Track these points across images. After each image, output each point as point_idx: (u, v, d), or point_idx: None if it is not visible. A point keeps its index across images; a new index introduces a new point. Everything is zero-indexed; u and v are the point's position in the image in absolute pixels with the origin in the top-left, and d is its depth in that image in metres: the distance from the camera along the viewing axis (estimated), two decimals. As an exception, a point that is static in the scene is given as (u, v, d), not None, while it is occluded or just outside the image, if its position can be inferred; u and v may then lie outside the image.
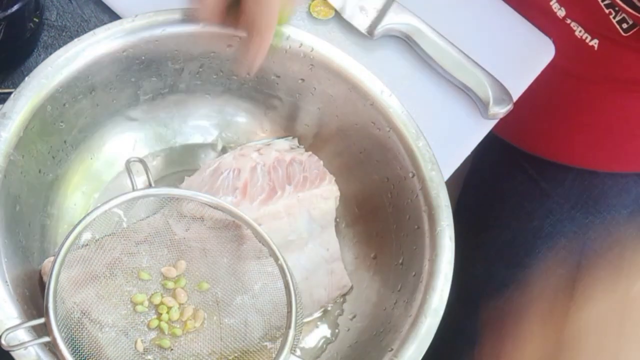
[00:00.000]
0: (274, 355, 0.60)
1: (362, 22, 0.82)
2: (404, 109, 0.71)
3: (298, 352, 0.69)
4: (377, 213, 0.73)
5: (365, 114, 0.71)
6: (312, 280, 0.70)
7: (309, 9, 0.83)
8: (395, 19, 0.82)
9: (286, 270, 0.63)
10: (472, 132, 0.80)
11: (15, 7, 0.68)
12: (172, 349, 0.62)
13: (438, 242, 0.66)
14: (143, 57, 0.69)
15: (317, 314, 0.71)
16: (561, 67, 0.85)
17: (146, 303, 0.63)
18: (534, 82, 0.85)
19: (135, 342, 0.62)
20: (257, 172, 0.70)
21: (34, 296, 0.62)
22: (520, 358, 0.92)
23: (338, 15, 0.83)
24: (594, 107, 0.97)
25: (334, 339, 0.70)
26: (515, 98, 0.84)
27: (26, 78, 0.64)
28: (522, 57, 0.84)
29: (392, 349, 0.63)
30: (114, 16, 0.79)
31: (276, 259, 0.63)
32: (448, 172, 0.76)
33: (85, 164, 0.71)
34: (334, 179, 0.73)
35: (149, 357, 0.62)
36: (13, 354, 0.55)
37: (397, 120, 0.70)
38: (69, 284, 0.60)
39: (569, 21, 0.90)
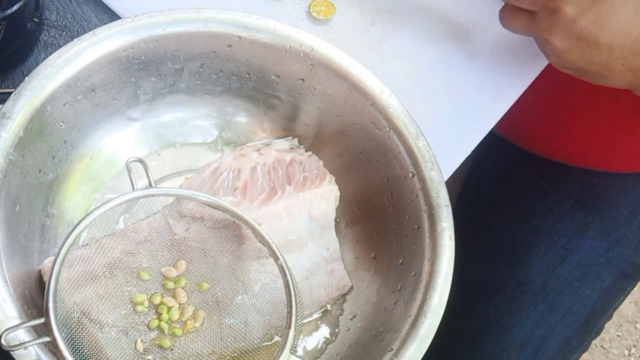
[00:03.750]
0: (274, 355, 0.60)
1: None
2: (404, 109, 0.70)
3: (299, 352, 0.69)
4: (377, 213, 0.73)
5: (365, 114, 0.71)
6: (312, 280, 0.70)
7: (309, 8, 0.83)
8: None
9: (286, 270, 0.63)
10: (472, 132, 0.80)
11: (15, 7, 0.68)
12: (172, 349, 0.62)
13: (438, 242, 0.66)
14: (143, 57, 0.69)
15: (317, 314, 0.71)
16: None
17: (146, 303, 0.63)
18: (535, 81, 0.85)
19: (135, 342, 0.62)
20: (257, 172, 0.70)
21: (34, 296, 0.62)
22: None
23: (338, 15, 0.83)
24: (594, 106, 0.97)
25: (334, 339, 0.70)
26: (515, 97, 0.84)
27: (26, 78, 0.64)
28: (522, 55, 0.84)
29: (392, 349, 0.63)
30: (114, 16, 0.79)
31: (276, 259, 0.63)
32: (448, 172, 0.76)
33: (85, 164, 0.71)
34: (334, 179, 0.73)
35: (149, 357, 0.62)
36: (13, 354, 0.55)
37: (397, 120, 0.70)
38: (69, 284, 0.60)
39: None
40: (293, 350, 0.60)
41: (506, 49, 0.85)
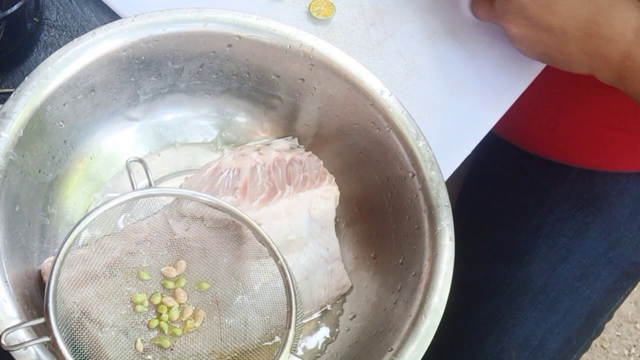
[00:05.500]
0: (274, 355, 0.60)
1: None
2: (404, 109, 0.70)
3: (299, 352, 0.69)
4: (377, 213, 0.73)
5: (365, 114, 0.71)
6: (312, 280, 0.70)
7: (309, 8, 0.83)
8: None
9: (286, 270, 0.63)
10: (472, 132, 0.80)
11: (15, 7, 0.68)
12: (172, 349, 0.62)
13: (438, 242, 0.66)
14: (143, 57, 0.69)
15: (317, 314, 0.71)
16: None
17: (146, 303, 0.63)
18: (534, 81, 0.85)
19: (135, 342, 0.62)
20: (257, 172, 0.70)
21: (34, 296, 0.62)
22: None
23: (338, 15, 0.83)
24: (594, 106, 0.97)
25: (334, 339, 0.70)
26: (515, 97, 0.84)
27: (26, 78, 0.64)
28: (522, 56, 0.83)
29: (392, 349, 0.63)
30: (114, 16, 0.79)
31: (276, 259, 0.63)
32: (448, 172, 0.76)
33: (85, 164, 0.71)
34: (334, 178, 0.73)
35: (149, 357, 0.62)
36: (13, 354, 0.55)
37: (397, 120, 0.70)
38: (69, 284, 0.60)
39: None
40: (293, 350, 0.60)
41: (506, 49, 0.85)
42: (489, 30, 0.85)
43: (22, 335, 0.56)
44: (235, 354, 0.64)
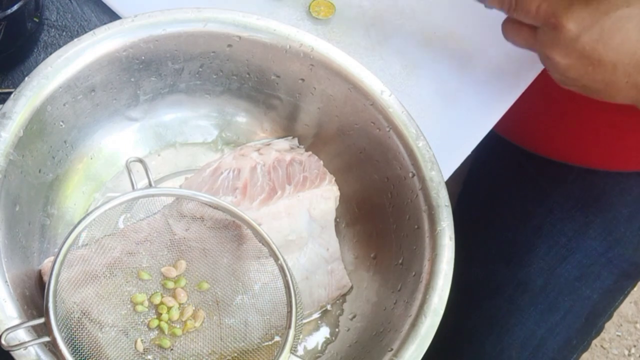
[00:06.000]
0: (274, 355, 0.60)
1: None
2: (404, 109, 0.70)
3: (299, 352, 0.69)
4: (377, 213, 0.73)
5: (365, 114, 0.71)
6: (312, 280, 0.70)
7: (309, 8, 0.83)
8: None
9: (286, 270, 0.63)
10: (472, 132, 0.80)
11: (15, 7, 0.68)
12: (172, 349, 0.62)
13: (438, 242, 0.66)
14: (143, 57, 0.69)
15: (317, 314, 0.71)
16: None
17: (146, 303, 0.63)
18: (535, 80, 0.85)
19: (135, 342, 0.62)
20: (257, 172, 0.70)
21: (34, 296, 0.62)
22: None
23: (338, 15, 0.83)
24: (594, 105, 0.97)
25: (334, 339, 0.70)
26: (515, 97, 0.84)
27: (26, 78, 0.64)
28: (522, 56, 0.84)
29: (392, 349, 0.63)
30: (114, 16, 0.80)
31: (276, 259, 0.63)
32: (448, 172, 0.76)
33: (85, 164, 0.71)
34: (334, 178, 0.73)
35: (149, 357, 0.62)
36: (13, 354, 0.55)
37: (397, 120, 0.70)
38: (69, 284, 0.60)
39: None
40: (293, 350, 0.60)
41: (506, 49, 0.84)
42: (488, 31, 0.85)
43: (22, 335, 0.56)
44: (235, 354, 0.64)
